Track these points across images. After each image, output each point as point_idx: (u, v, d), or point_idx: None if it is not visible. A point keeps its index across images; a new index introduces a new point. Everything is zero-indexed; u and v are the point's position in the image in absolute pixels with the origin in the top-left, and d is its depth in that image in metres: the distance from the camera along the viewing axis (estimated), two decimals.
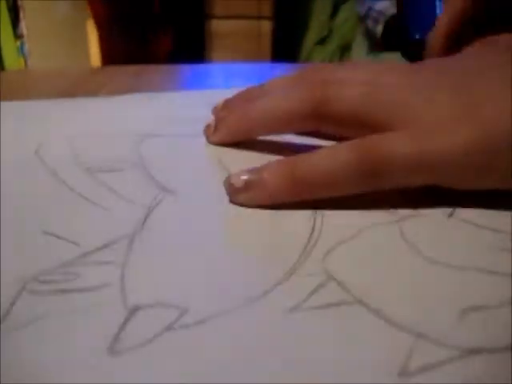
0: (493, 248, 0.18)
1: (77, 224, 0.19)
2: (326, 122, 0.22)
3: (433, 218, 0.20)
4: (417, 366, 0.13)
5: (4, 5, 0.93)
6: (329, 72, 0.24)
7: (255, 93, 0.26)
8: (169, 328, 0.14)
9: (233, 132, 0.25)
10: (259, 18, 1.32)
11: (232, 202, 0.21)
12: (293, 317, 0.14)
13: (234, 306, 0.15)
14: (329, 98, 0.22)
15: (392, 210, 0.20)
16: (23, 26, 1.03)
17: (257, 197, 0.20)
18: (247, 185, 0.20)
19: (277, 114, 0.23)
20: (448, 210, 0.20)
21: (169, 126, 0.28)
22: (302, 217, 0.19)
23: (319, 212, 0.20)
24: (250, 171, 0.21)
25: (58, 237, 0.18)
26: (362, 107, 0.21)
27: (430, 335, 0.13)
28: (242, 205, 0.20)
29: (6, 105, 0.32)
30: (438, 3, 0.36)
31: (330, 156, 0.20)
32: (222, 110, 0.26)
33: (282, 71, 0.28)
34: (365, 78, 0.23)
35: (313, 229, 0.19)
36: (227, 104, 0.27)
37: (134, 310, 0.14)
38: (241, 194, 0.20)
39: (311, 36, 1.41)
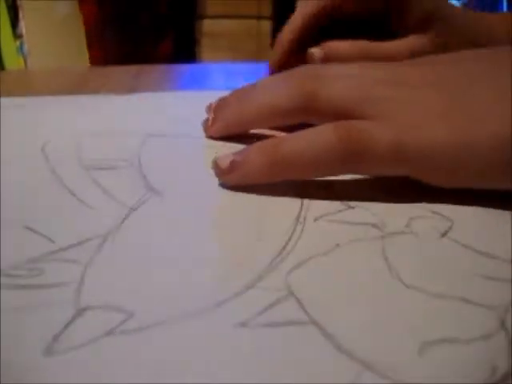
0: (481, 276, 0.16)
1: (58, 220, 0.19)
2: (315, 115, 0.23)
3: (423, 236, 0.18)
4: None
5: (3, 4, 0.93)
6: (318, 68, 0.25)
7: (249, 89, 0.27)
8: (109, 333, 0.13)
9: (228, 125, 0.26)
10: (259, 17, 1.32)
11: (220, 183, 0.22)
12: (238, 333, 0.14)
13: (182, 315, 0.14)
14: (317, 92, 0.22)
15: (381, 224, 0.19)
16: (23, 25, 1.03)
17: (241, 177, 0.21)
18: (232, 166, 0.21)
19: (268, 108, 0.24)
20: (443, 229, 0.19)
21: (173, 126, 0.28)
22: (284, 224, 0.19)
23: (303, 219, 0.19)
24: (236, 153, 0.22)
25: (35, 232, 0.18)
26: (349, 101, 0.22)
27: (378, 367, 0.13)
28: (228, 186, 0.21)
29: (14, 100, 0.32)
30: None
31: (310, 136, 0.21)
32: (219, 105, 0.27)
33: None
34: (353, 72, 0.23)
35: (290, 238, 0.18)
36: (223, 100, 0.28)
37: (81, 311, 0.14)
38: (226, 176, 0.21)
39: None
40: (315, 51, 0.33)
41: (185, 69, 0.46)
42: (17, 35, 1.00)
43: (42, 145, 0.25)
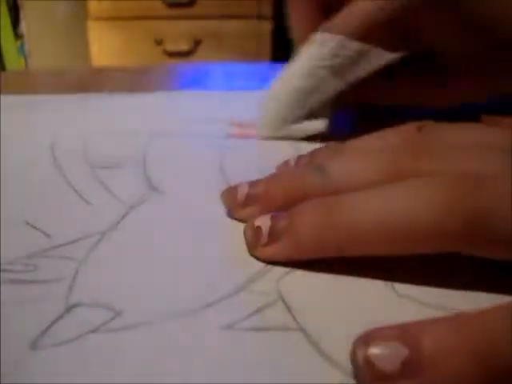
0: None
1: (58, 217, 0.19)
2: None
3: None
4: None
5: (4, 5, 0.94)
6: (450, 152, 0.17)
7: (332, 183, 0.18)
8: (95, 330, 0.14)
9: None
10: (259, 18, 1.32)
11: (253, 255, 0.17)
12: (223, 335, 0.14)
13: (170, 315, 0.14)
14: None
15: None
16: (23, 26, 1.03)
17: (282, 250, 0.16)
18: (273, 233, 0.16)
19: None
20: None
21: (182, 126, 0.28)
22: None
23: None
24: (278, 214, 0.17)
25: (35, 228, 0.18)
26: None
27: None
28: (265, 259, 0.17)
29: (17, 98, 0.33)
30: None
31: (397, 195, 0.15)
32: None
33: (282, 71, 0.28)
34: None
35: None
36: (281, 197, 0.18)
37: (70, 308, 0.14)
38: (263, 247, 0.16)
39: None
40: None
41: (185, 69, 0.47)
42: (18, 35, 1.00)
43: (51, 143, 0.26)
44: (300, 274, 0.16)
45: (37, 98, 0.33)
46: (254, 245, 0.17)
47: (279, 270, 0.16)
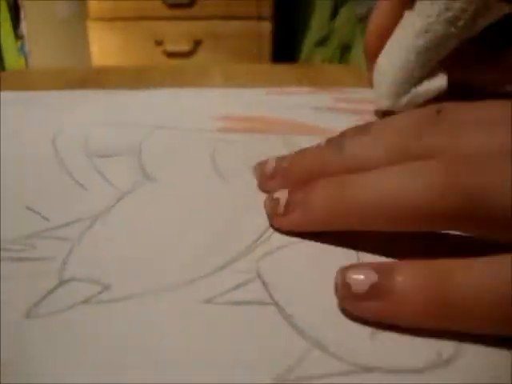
0: None
1: (56, 201, 0.20)
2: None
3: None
4: (297, 375, 0.13)
5: (4, 5, 0.94)
6: (454, 134, 0.17)
7: (341, 161, 0.19)
8: (85, 302, 0.15)
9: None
10: (259, 18, 1.32)
11: (272, 224, 0.18)
12: (202, 308, 0.15)
13: (155, 289, 0.15)
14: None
15: None
16: (24, 26, 1.03)
17: (296, 220, 0.18)
18: (289, 205, 0.18)
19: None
20: None
21: (179, 121, 0.29)
22: (264, 213, 0.19)
23: None
24: (293, 190, 0.18)
25: (35, 211, 0.19)
26: None
27: (329, 348, 0.13)
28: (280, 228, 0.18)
29: (17, 94, 0.33)
30: None
31: (401, 175, 0.16)
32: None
33: (282, 72, 0.28)
34: None
35: (267, 228, 0.19)
36: (302, 172, 0.20)
37: (63, 283, 0.16)
38: (280, 217, 0.18)
39: (311, 37, 1.41)
40: None
41: (185, 69, 0.47)
42: (18, 35, 1.01)
43: (52, 136, 0.27)
44: (278, 255, 0.17)
45: (37, 93, 0.34)
46: (271, 215, 0.18)
47: (259, 251, 0.17)
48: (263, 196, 0.20)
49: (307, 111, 0.32)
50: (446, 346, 0.13)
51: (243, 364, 0.13)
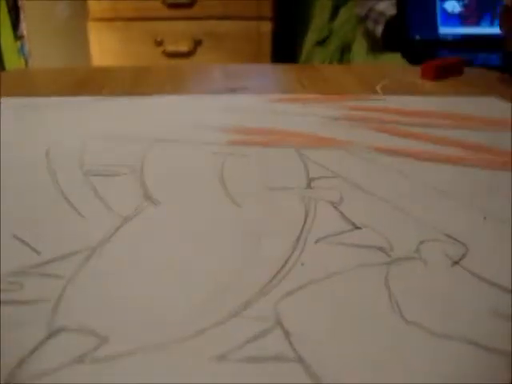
0: (494, 314, 0.14)
1: (48, 230, 0.18)
2: None
3: (432, 264, 0.16)
4: None
5: (4, 6, 0.94)
6: None
7: None
8: (79, 360, 0.12)
9: None
10: (259, 18, 1.32)
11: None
12: (215, 367, 0.12)
13: (158, 344, 0.13)
14: None
15: (388, 248, 0.17)
16: (23, 26, 1.03)
17: None
18: None
19: None
20: (455, 256, 0.17)
21: (183, 132, 0.28)
22: (282, 246, 0.17)
23: (303, 242, 0.17)
24: None
25: (23, 242, 0.17)
26: None
27: None
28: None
29: (16, 101, 0.32)
30: (438, 3, 0.36)
31: None
32: None
33: (282, 72, 0.28)
34: None
35: (286, 262, 0.16)
36: None
37: (54, 333, 0.13)
38: None
39: (311, 37, 1.41)
40: None
41: (185, 69, 0.46)
42: (18, 36, 1.00)
43: (47, 148, 0.25)
44: (300, 297, 0.15)
45: (37, 100, 0.33)
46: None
47: (277, 292, 0.15)
48: (280, 220, 0.18)
49: (320, 121, 0.29)
50: None
51: None
